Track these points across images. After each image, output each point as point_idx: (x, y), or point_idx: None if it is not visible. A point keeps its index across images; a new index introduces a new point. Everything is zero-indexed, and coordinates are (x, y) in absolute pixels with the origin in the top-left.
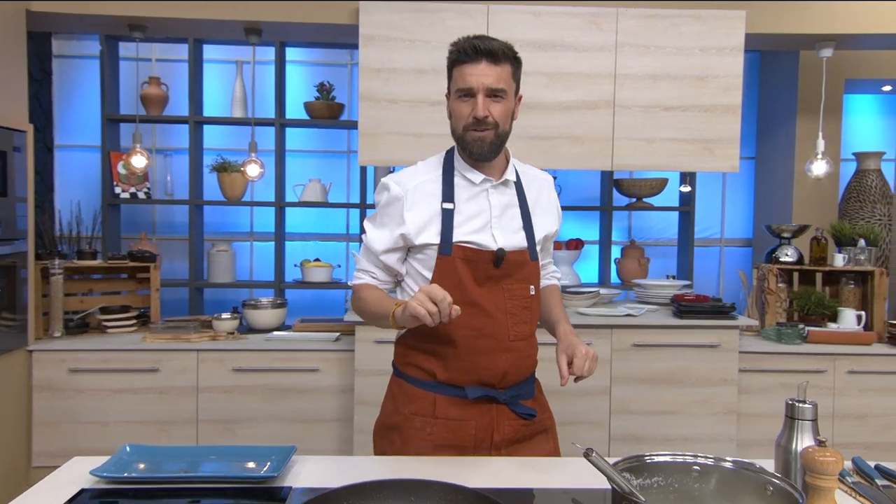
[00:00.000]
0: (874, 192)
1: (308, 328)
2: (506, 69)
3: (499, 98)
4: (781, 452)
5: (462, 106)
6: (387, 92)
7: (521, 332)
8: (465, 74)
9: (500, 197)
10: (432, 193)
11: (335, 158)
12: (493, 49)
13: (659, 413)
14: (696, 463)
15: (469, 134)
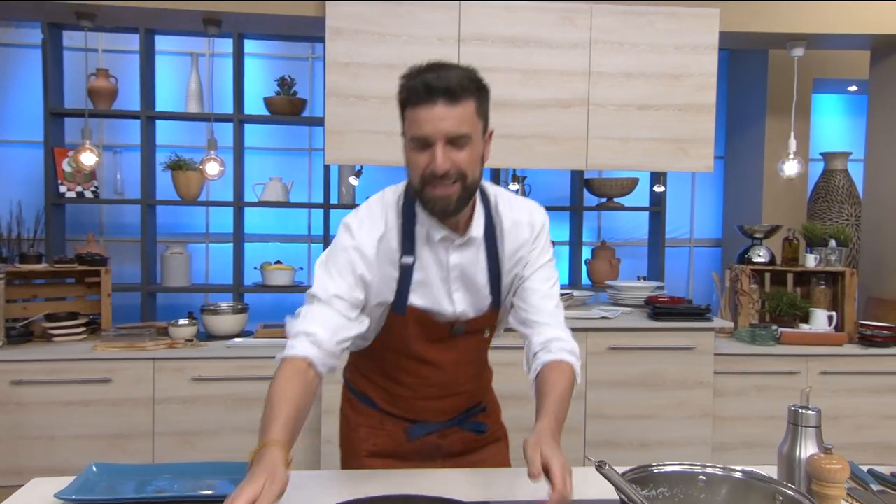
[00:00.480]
0: (841, 192)
1: (272, 334)
2: (468, 107)
3: (462, 145)
4: (785, 460)
5: (418, 157)
6: (355, 88)
7: (473, 374)
8: (418, 120)
9: (464, 256)
10: (392, 248)
11: (296, 156)
12: (450, 86)
13: (634, 417)
14: (704, 473)
15: (429, 190)
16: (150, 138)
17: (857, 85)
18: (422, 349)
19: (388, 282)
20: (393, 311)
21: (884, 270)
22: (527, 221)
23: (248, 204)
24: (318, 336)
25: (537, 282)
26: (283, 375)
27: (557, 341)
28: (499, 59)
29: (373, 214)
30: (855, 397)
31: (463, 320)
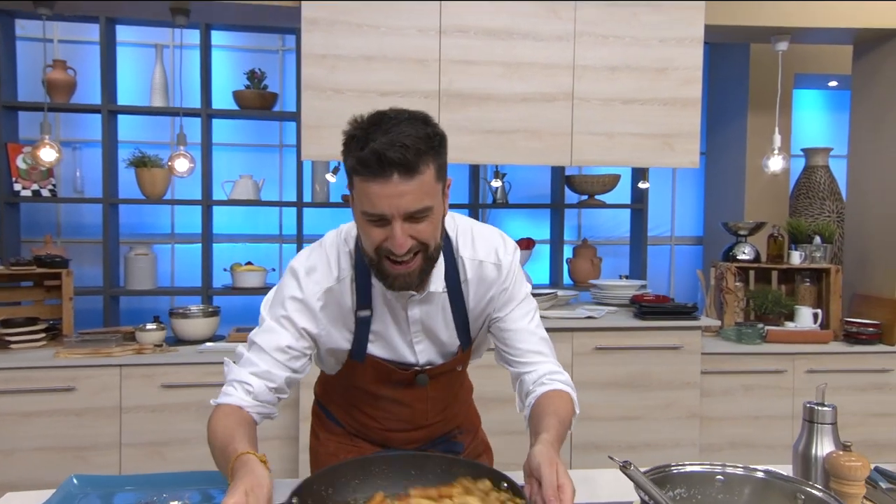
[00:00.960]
0: (823, 188)
1: (245, 338)
2: (428, 174)
3: (422, 218)
4: (800, 458)
5: (372, 231)
6: (332, 81)
7: (443, 407)
8: (371, 196)
9: (424, 310)
10: (343, 301)
11: (267, 153)
12: (406, 158)
13: (621, 419)
14: (724, 473)
15: (387, 266)
16: (112, 134)
17: (838, 80)
18: (383, 391)
19: (341, 332)
20: (350, 357)
21: (868, 267)
22: (492, 261)
23: (217, 202)
24: (253, 387)
25: (516, 321)
26: (217, 416)
27: (551, 375)
28: (480, 51)
29: (324, 261)
30: (841, 395)
31: (427, 369)
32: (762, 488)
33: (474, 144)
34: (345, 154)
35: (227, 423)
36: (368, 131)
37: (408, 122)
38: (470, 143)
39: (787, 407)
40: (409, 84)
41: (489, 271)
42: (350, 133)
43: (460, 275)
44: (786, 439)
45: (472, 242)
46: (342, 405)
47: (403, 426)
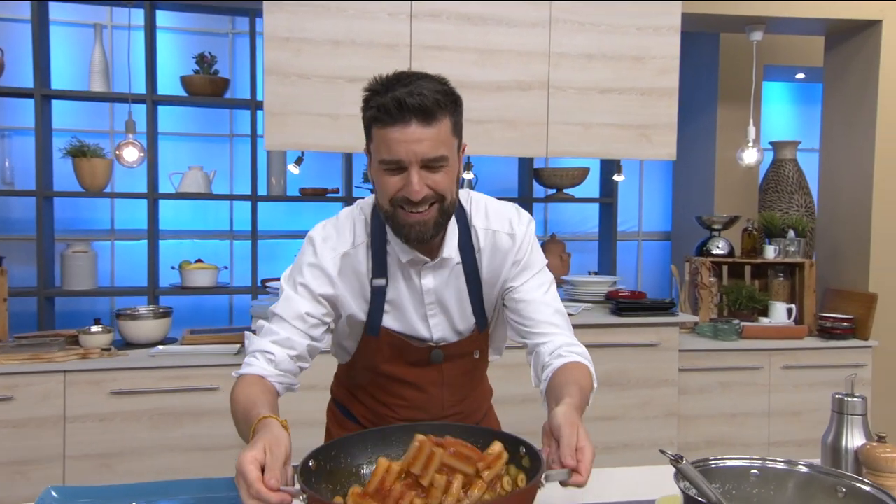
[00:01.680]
0: (792, 182)
1: (201, 340)
2: (444, 126)
3: (439, 167)
4: (830, 450)
5: (389, 179)
6: (297, 65)
7: (462, 396)
8: (389, 142)
9: (438, 279)
10: (360, 268)
11: (216, 143)
12: (425, 104)
13: (599, 419)
14: (760, 467)
15: (401, 215)
16: (46, 120)
17: (805, 73)
18: (398, 371)
19: (357, 301)
20: (365, 332)
21: (840, 261)
22: (506, 231)
23: (164, 196)
24: (275, 355)
25: (530, 292)
26: (240, 386)
27: (568, 347)
28: (453, 36)
29: (340, 228)
30: (816, 391)
31: (442, 346)
32: (802, 482)
33: None
34: (364, 108)
35: (249, 392)
36: (388, 85)
37: (426, 79)
38: None
39: (763, 404)
40: (379, 70)
41: (503, 241)
42: (370, 88)
43: (474, 245)
44: (762, 438)
45: (485, 213)
46: (355, 394)
47: (419, 416)
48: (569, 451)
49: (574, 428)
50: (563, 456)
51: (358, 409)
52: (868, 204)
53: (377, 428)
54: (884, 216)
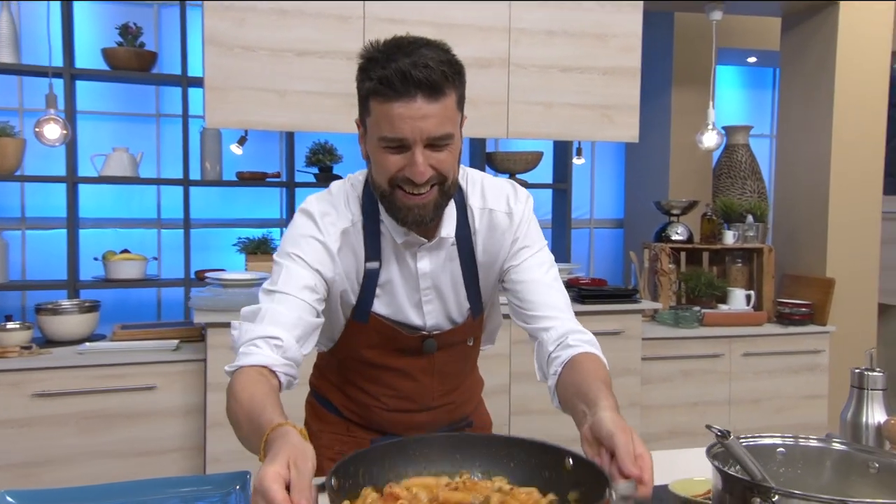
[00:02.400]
0: (744, 167)
1: (135, 336)
2: (450, 100)
3: (443, 145)
4: (850, 426)
5: (389, 158)
6: (241, 36)
7: (452, 386)
8: (392, 118)
9: (434, 261)
10: (356, 247)
11: (141, 123)
12: (431, 78)
13: (559, 412)
14: (793, 445)
15: (400, 196)
16: None
17: (757, 56)
18: (386, 359)
19: (351, 282)
20: (353, 317)
21: (797, 247)
22: (503, 210)
23: (85, 180)
24: (283, 340)
25: (529, 271)
26: (241, 382)
27: (574, 334)
28: (409, 9)
29: (338, 203)
30: (776, 378)
31: (435, 334)
32: (832, 459)
33: None
34: (361, 78)
35: (255, 392)
36: (389, 53)
37: (428, 47)
38: None
39: (724, 392)
40: (330, 43)
41: (500, 220)
42: (368, 56)
43: (470, 225)
44: (722, 426)
45: (481, 191)
46: (338, 384)
47: (407, 406)
48: (629, 460)
49: (629, 434)
50: (624, 466)
51: (340, 399)
52: (825, 188)
53: (396, 440)
54: (841, 201)
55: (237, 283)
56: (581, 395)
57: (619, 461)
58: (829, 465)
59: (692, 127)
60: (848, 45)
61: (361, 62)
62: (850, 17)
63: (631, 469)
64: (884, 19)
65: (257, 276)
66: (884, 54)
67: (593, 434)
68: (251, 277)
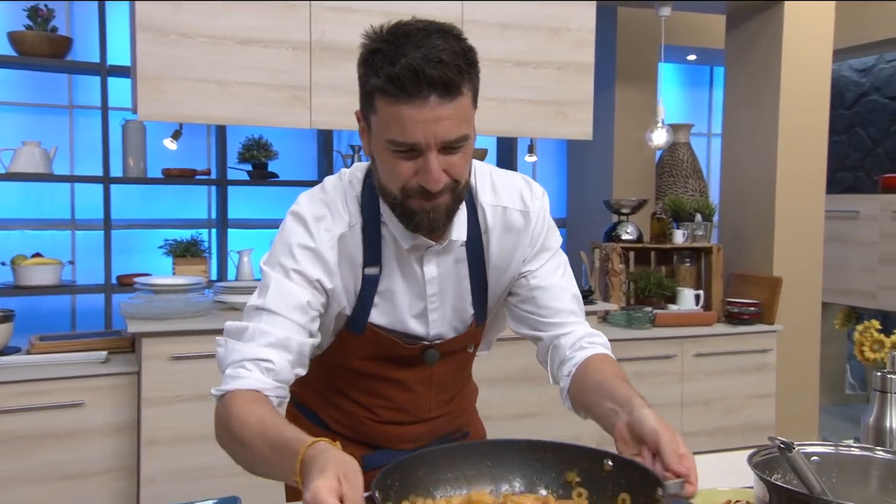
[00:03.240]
0: (686, 166)
1: (57, 348)
2: (466, 98)
3: (458, 148)
4: (872, 431)
5: (400, 164)
6: (177, 23)
7: (450, 396)
8: (403, 121)
9: (442, 266)
10: (354, 253)
11: (50, 115)
12: (447, 76)
13: (518, 417)
14: (835, 452)
15: (412, 202)
16: None
17: (697, 54)
18: (381, 369)
19: (348, 292)
20: (348, 327)
21: (744, 246)
22: (517, 208)
23: None
24: (274, 363)
25: (548, 276)
26: (239, 405)
27: (590, 338)
28: None
29: (331, 205)
30: (726, 379)
31: (437, 344)
32: (873, 467)
33: (349, 107)
34: (365, 72)
35: (262, 413)
36: (396, 44)
37: (439, 34)
38: (345, 106)
39: (677, 394)
40: (274, 32)
41: (514, 219)
42: (371, 47)
43: (480, 225)
44: (675, 428)
45: (492, 187)
46: (324, 394)
47: (401, 417)
48: (676, 459)
49: (673, 433)
50: (671, 464)
51: (326, 411)
52: (772, 187)
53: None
54: (787, 199)
55: (170, 289)
56: (607, 393)
57: (664, 460)
58: (875, 474)
59: (636, 124)
60: (793, 44)
61: (364, 53)
62: (793, 16)
63: (679, 468)
64: (826, 18)
65: (192, 282)
66: (826, 53)
67: (632, 432)
68: (186, 282)
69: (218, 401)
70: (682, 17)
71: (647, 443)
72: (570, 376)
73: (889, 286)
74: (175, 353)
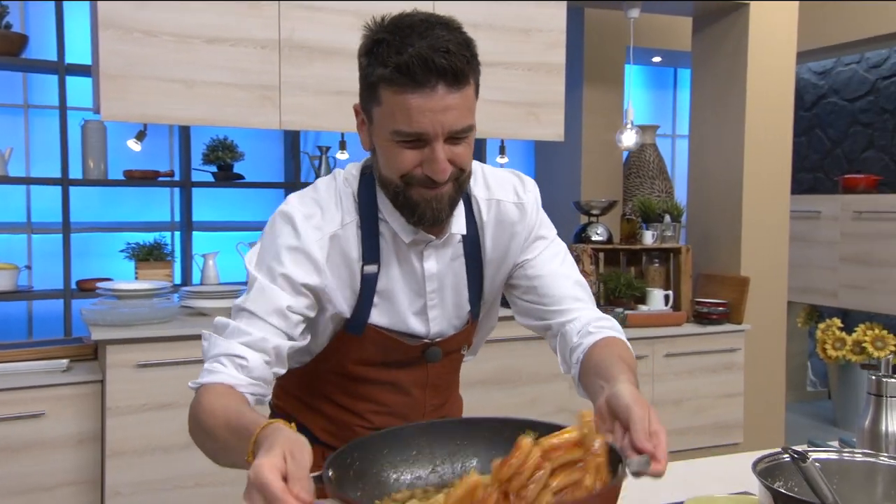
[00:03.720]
0: (652, 167)
1: (15, 356)
2: (471, 88)
3: (463, 138)
4: (869, 435)
5: (403, 154)
6: (141, 20)
7: (443, 399)
8: (409, 110)
9: (442, 261)
10: (349, 252)
11: (7, 115)
12: (455, 65)
13: None
14: (839, 459)
15: (415, 191)
16: None
17: (662, 56)
18: (376, 372)
19: (344, 292)
20: (346, 329)
21: (711, 246)
22: (511, 201)
23: None
24: (248, 360)
25: (546, 264)
26: (209, 397)
27: (597, 322)
28: None
29: (325, 203)
30: (695, 378)
31: (439, 341)
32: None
33: (319, 107)
34: (369, 63)
35: (228, 403)
36: (402, 35)
37: (442, 26)
38: (314, 106)
39: (648, 394)
40: (241, 30)
41: (509, 212)
42: (375, 38)
43: (476, 219)
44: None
45: (484, 181)
46: (310, 403)
47: (395, 423)
48: (644, 435)
49: (645, 409)
50: (637, 440)
51: (313, 420)
52: (739, 188)
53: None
54: (754, 200)
55: (135, 294)
56: (601, 372)
57: (632, 435)
58: (879, 481)
59: (603, 125)
60: (759, 47)
61: (367, 44)
62: (758, 18)
63: (644, 444)
64: (790, 19)
65: (157, 286)
66: (790, 55)
67: (609, 407)
68: (151, 287)
69: (195, 393)
70: (648, 20)
71: (619, 418)
72: (579, 363)
73: (850, 285)
74: (141, 360)
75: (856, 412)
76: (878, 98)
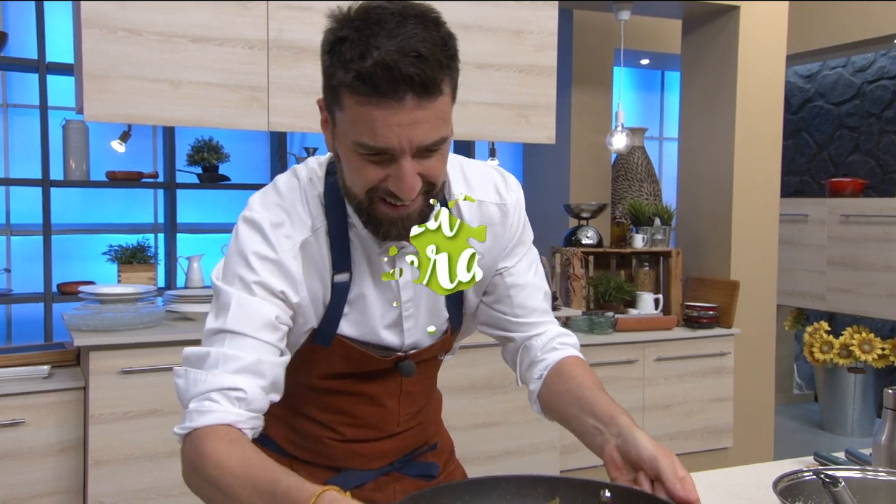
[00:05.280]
0: (640, 170)
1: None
2: (445, 96)
3: (434, 151)
4: (885, 450)
5: (367, 168)
6: (126, 18)
7: (418, 407)
8: (373, 123)
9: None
10: (321, 263)
11: None
12: (424, 74)
13: (479, 426)
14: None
15: (380, 209)
16: None
17: (650, 58)
18: (348, 386)
19: (315, 303)
20: (313, 340)
21: (701, 249)
22: (494, 201)
23: None
24: (246, 392)
25: (523, 274)
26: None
27: (561, 338)
28: None
29: (289, 208)
30: (685, 383)
31: (412, 354)
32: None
33: (308, 109)
34: (331, 63)
35: (245, 456)
36: (367, 33)
37: (415, 20)
38: (304, 108)
39: (638, 399)
40: (229, 29)
41: (492, 213)
42: (338, 34)
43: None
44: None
45: (464, 179)
46: (279, 415)
47: (367, 434)
48: (679, 485)
49: (671, 457)
50: (674, 490)
51: (282, 433)
52: (728, 191)
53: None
54: (744, 203)
55: (119, 298)
56: (587, 408)
57: (667, 486)
58: None
59: (591, 128)
60: (748, 50)
61: (329, 39)
62: (750, 22)
63: (683, 493)
64: (780, 22)
65: (142, 290)
66: (780, 57)
67: (625, 457)
68: (135, 291)
69: (183, 440)
70: (636, 22)
71: (644, 469)
72: (542, 379)
73: (837, 288)
74: (124, 366)
75: (842, 415)
76: (863, 102)
